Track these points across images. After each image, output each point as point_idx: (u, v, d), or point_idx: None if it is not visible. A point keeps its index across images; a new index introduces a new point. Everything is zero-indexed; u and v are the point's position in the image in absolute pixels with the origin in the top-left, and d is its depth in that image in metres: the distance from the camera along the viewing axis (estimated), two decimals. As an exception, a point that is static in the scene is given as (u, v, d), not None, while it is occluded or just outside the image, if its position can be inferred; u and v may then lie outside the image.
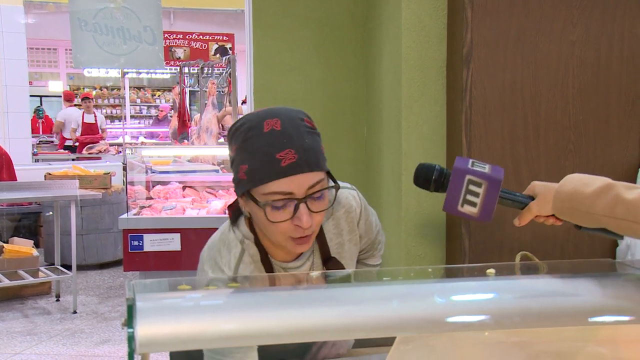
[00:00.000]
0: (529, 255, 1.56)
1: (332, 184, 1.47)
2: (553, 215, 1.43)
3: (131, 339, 0.93)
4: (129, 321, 0.95)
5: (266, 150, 1.34)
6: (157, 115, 12.86)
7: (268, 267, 1.54)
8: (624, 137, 2.38)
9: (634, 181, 2.37)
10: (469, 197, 1.45)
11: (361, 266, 1.90)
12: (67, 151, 10.01)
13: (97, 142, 9.95)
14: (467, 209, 1.46)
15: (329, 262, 1.60)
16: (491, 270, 1.31)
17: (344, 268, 1.63)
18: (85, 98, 10.98)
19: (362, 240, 1.74)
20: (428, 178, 1.50)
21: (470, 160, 1.48)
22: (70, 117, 10.71)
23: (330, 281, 1.42)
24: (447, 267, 2.23)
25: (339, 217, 1.63)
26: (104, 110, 15.29)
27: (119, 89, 15.28)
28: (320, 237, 1.58)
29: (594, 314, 1.18)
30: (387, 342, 1.26)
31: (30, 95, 10.60)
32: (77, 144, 10.42)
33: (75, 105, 11.68)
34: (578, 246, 2.39)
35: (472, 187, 1.44)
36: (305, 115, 1.46)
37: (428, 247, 2.60)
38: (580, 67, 2.35)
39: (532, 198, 1.45)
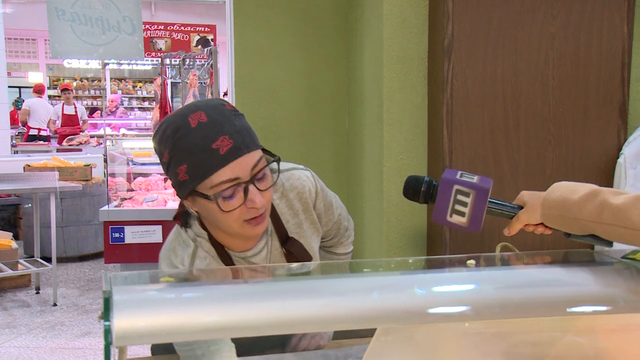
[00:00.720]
0: (509, 246, 1.56)
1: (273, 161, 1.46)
2: (542, 223, 1.44)
3: (108, 332, 0.91)
4: (106, 314, 0.94)
5: (201, 144, 1.32)
6: (108, 107, 12.58)
7: (226, 260, 1.53)
8: (603, 129, 2.40)
9: (612, 170, 2.39)
10: (458, 207, 1.45)
11: (331, 256, 1.89)
12: (40, 142, 9.90)
13: (77, 133, 9.86)
14: (456, 219, 1.46)
15: (287, 242, 1.59)
16: (471, 261, 1.31)
17: (303, 247, 1.61)
18: (65, 89, 10.86)
19: (322, 220, 1.71)
20: (417, 190, 1.51)
21: (459, 172, 1.48)
22: (35, 106, 10.60)
23: (311, 273, 1.42)
24: (427, 258, 2.24)
25: (292, 197, 1.62)
26: (85, 102, 15.15)
27: (99, 80, 15.15)
28: (275, 219, 1.58)
29: (573, 304, 1.18)
30: (368, 333, 1.26)
31: (9, 86, 10.45)
32: (55, 135, 10.33)
33: (55, 96, 11.55)
34: (557, 237, 2.40)
35: (460, 197, 1.44)
36: (225, 102, 1.44)
37: (409, 238, 2.60)
38: (560, 59, 2.36)
39: (521, 207, 1.46)
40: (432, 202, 1.49)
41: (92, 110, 14.16)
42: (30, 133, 10.45)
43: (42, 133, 10.58)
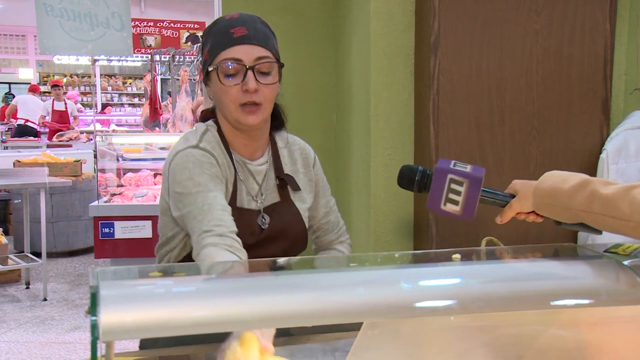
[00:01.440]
0: (494, 240, 1.59)
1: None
2: (533, 211, 1.46)
3: (94, 327, 0.92)
4: (93, 309, 0.95)
5: (223, 29, 1.58)
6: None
7: (227, 151, 1.67)
8: (586, 124, 2.43)
9: (595, 166, 2.42)
10: (451, 196, 1.48)
11: (332, 252, 1.94)
12: (30, 138, 9.86)
13: (65, 130, 9.82)
14: (450, 208, 1.49)
15: (285, 176, 1.74)
16: (457, 256, 1.33)
17: (298, 186, 1.75)
18: (55, 85, 10.82)
19: (318, 187, 1.84)
20: (411, 179, 1.54)
21: (453, 161, 1.51)
22: (24, 99, 10.59)
23: (298, 267, 1.44)
24: (413, 253, 2.26)
25: (294, 150, 1.81)
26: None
27: (89, 77, 15.09)
28: (275, 156, 1.75)
29: (557, 297, 1.20)
30: (355, 327, 1.28)
31: (-1, 82, 10.45)
32: (45, 129, 10.29)
33: (45, 92, 11.49)
34: (542, 231, 2.44)
35: (453, 186, 1.47)
36: (263, 19, 1.70)
37: (396, 232, 2.63)
38: (544, 55, 2.39)
39: (513, 196, 1.49)
40: (426, 191, 1.52)
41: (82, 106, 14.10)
42: (17, 123, 10.40)
43: (30, 124, 10.53)
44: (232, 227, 1.54)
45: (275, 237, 1.72)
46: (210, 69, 1.60)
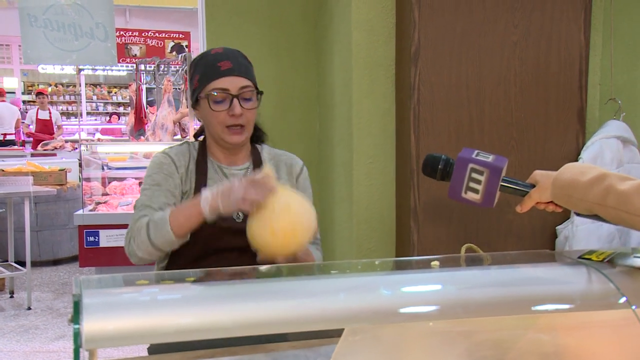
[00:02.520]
0: (473, 247, 1.62)
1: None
2: (552, 202, 1.49)
3: (77, 335, 0.93)
4: (75, 317, 0.96)
5: (211, 62, 1.84)
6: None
7: (202, 166, 1.90)
8: (562, 134, 2.48)
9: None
10: (472, 185, 1.51)
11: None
12: (14, 147, 9.80)
13: (49, 139, 9.77)
14: (470, 196, 1.52)
15: None
16: (435, 263, 1.36)
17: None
18: (40, 94, 10.76)
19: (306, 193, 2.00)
20: (435, 167, 1.57)
21: (476, 151, 1.53)
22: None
23: (281, 274, 1.46)
24: (393, 260, 2.29)
25: (281, 161, 2.01)
26: (60, 107, 15.02)
27: (74, 86, 15.02)
28: (257, 163, 1.95)
29: (534, 303, 1.23)
30: (337, 333, 1.30)
31: (-18, 92, 10.38)
32: (29, 139, 10.23)
33: (30, 101, 11.41)
34: (520, 238, 2.48)
35: (474, 175, 1.50)
36: (244, 53, 1.95)
37: (378, 240, 2.66)
38: (521, 66, 2.43)
39: (533, 186, 1.51)
40: (448, 179, 1.55)
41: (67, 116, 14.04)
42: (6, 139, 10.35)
43: (9, 137, 10.45)
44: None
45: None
46: (201, 96, 1.84)
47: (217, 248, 1.84)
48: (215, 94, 1.82)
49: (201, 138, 2.01)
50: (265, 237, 1.59)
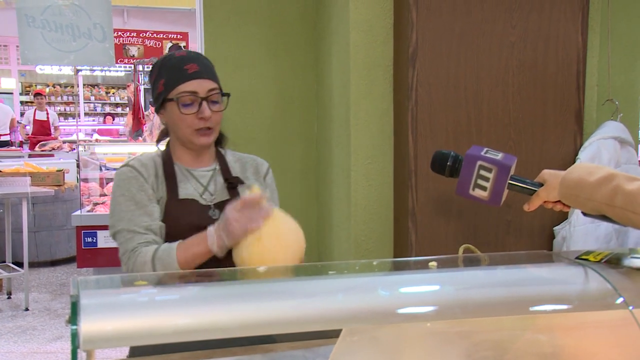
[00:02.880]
0: (471, 247, 1.62)
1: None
2: (559, 201, 1.49)
3: (74, 335, 0.93)
4: (73, 318, 0.96)
5: (177, 65, 1.82)
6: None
7: (169, 164, 1.89)
8: (560, 134, 2.48)
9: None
10: (480, 182, 1.50)
11: None
12: (12, 148, 9.80)
13: (47, 140, 9.77)
14: (478, 193, 1.52)
15: (231, 179, 1.91)
16: (433, 263, 1.36)
17: (242, 181, 1.93)
18: (38, 94, 10.76)
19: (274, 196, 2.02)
20: (443, 164, 1.57)
21: (485, 149, 1.53)
22: None
23: (278, 275, 1.46)
24: (391, 261, 2.29)
25: (246, 160, 2.01)
26: (58, 108, 15.02)
27: (72, 87, 15.01)
28: (223, 164, 1.95)
29: (532, 303, 1.23)
30: (335, 334, 1.30)
31: (-19, 92, 10.38)
32: (27, 141, 10.23)
33: (28, 102, 11.39)
34: (518, 238, 2.48)
35: (482, 172, 1.50)
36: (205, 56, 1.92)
37: (376, 241, 2.66)
38: (519, 67, 2.44)
39: (541, 185, 1.51)
40: (456, 176, 1.55)
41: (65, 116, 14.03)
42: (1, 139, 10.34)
43: (4, 138, 10.45)
44: (159, 236, 1.79)
45: None
46: (169, 99, 1.82)
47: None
48: (184, 97, 1.80)
49: (162, 145, 1.98)
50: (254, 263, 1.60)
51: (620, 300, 1.20)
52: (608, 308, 1.24)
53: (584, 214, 1.45)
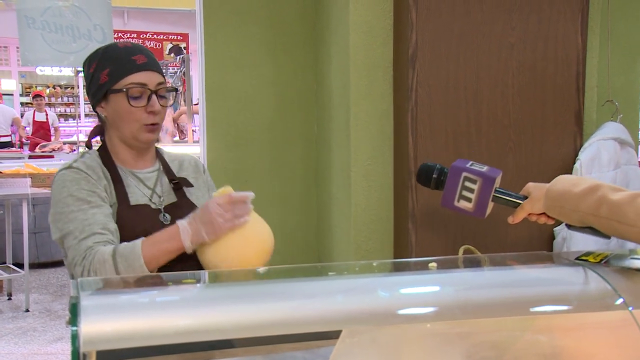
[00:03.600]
0: (471, 248, 1.62)
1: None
2: (544, 213, 1.50)
3: (75, 337, 0.94)
4: (73, 319, 0.96)
5: (123, 55, 1.72)
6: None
7: (112, 167, 1.78)
8: (560, 135, 2.49)
9: (569, 177, 2.47)
10: (465, 193, 1.52)
11: None
12: (12, 149, 9.81)
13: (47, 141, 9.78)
14: (463, 204, 1.54)
15: (176, 180, 1.85)
16: (433, 264, 1.37)
17: (190, 183, 1.87)
18: (37, 96, 10.77)
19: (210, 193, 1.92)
20: (429, 176, 1.59)
21: (470, 162, 1.55)
22: None
23: (278, 276, 1.46)
24: (390, 261, 2.30)
25: (184, 160, 1.93)
26: (58, 109, 15.03)
27: (72, 88, 15.02)
28: (164, 164, 1.87)
29: (534, 304, 1.24)
30: (335, 335, 1.30)
31: (-20, 93, 10.40)
32: (27, 142, 10.24)
33: (27, 103, 11.39)
34: (518, 239, 2.48)
35: (467, 184, 1.51)
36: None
37: (377, 242, 2.66)
38: (518, 68, 2.44)
39: (526, 197, 1.52)
40: (441, 188, 1.56)
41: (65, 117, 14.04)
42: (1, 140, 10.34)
43: (5, 139, 10.45)
44: (115, 238, 1.66)
45: None
46: (115, 90, 1.70)
47: None
48: (134, 89, 1.69)
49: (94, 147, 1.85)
50: (221, 264, 1.58)
51: (620, 301, 1.21)
52: (608, 309, 1.24)
53: (568, 226, 1.45)
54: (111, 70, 1.70)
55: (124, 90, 1.69)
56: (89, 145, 1.95)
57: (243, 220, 1.56)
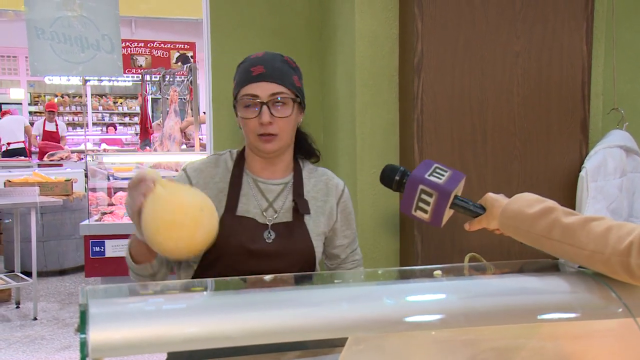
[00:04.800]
0: (477, 256, 1.63)
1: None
2: None
3: (83, 344, 0.94)
4: (82, 327, 0.97)
5: (247, 68, 1.76)
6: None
7: (238, 171, 1.82)
8: (565, 143, 2.49)
9: (575, 183, 2.48)
10: (421, 205, 1.54)
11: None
12: (21, 158, 9.88)
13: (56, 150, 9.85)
14: (420, 214, 1.56)
15: (299, 198, 1.83)
16: (438, 272, 1.38)
17: (308, 209, 1.83)
18: (51, 111, 10.87)
19: (342, 217, 1.94)
20: (391, 178, 1.60)
21: (434, 166, 1.56)
22: (2, 126, 10.69)
23: (284, 284, 1.47)
24: (396, 270, 2.30)
25: (321, 179, 1.91)
26: (66, 118, 15.12)
27: (80, 97, 15.11)
28: (297, 179, 1.86)
29: (538, 312, 1.24)
30: (340, 342, 1.31)
31: (-10, 103, 10.50)
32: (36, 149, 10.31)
33: (37, 112, 11.45)
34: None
35: (424, 196, 1.53)
36: (286, 56, 1.86)
37: (382, 249, 2.67)
38: (523, 76, 2.45)
39: (484, 208, 1.54)
40: (402, 191, 1.58)
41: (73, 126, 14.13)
42: (10, 148, 10.42)
43: (15, 146, 10.51)
44: None
45: (279, 253, 1.78)
46: (235, 102, 1.79)
47: (244, 272, 1.62)
48: (245, 100, 1.74)
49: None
50: (152, 235, 1.45)
51: (624, 309, 1.21)
52: (612, 317, 1.25)
53: (522, 243, 1.46)
54: (236, 81, 1.79)
55: (239, 99, 1.76)
56: None
57: (139, 201, 1.42)
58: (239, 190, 1.79)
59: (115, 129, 15.06)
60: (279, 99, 1.74)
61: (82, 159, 8.71)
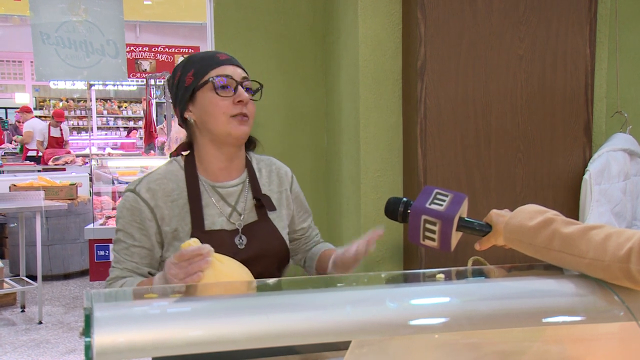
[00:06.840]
0: (480, 260, 1.64)
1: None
2: None
3: (88, 348, 0.95)
4: (87, 330, 0.97)
5: (207, 56, 1.75)
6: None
7: (193, 181, 1.75)
8: (569, 146, 2.49)
9: (578, 187, 2.47)
10: (428, 234, 1.56)
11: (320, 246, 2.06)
12: (32, 162, 9.92)
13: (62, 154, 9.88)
14: (428, 243, 1.58)
15: (261, 196, 1.82)
16: (440, 275, 1.38)
17: (274, 206, 1.84)
18: (59, 120, 10.90)
19: (296, 204, 1.97)
20: (395, 211, 1.63)
21: (434, 192, 1.57)
22: (36, 127, 10.66)
23: (289, 287, 1.48)
24: (399, 273, 2.30)
25: (271, 170, 1.92)
26: (71, 122, 15.16)
27: (85, 101, 15.16)
28: (251, 175, 1.85)
29: (541, 315, 1.24)
30: (343, 345, 1.31)
31: (-4, 108, 10.53)
32: (40, 154, 10.35)
33: (42, 116, 11.51)
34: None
35: (428, 226, 1.55)
36: None
37: (386, 252, 2.67)
38: (527, 79, 2.45)
39: (490, 226, 1.55)
40: (407, 222, 1.60)
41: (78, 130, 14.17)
42: (29, 154, 10.46)
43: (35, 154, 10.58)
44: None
45: (255, 257, 1.77)
46: (202, 83, 1.70)
47: None
48: (219, 79, 1.68)
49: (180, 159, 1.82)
50: None
51: (626, 312, 1.21)
52: (615, 320, 1.25)
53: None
54: (196, 69, 1.71)
55: (210, 80, 1.69)
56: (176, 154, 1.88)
57: (197, 277, 1.45)
58: (200, 203, 1.73)
59: (128, 133, 15.11)
60: (248, 83, 1.75)
61: (87, 163, 8.74)
